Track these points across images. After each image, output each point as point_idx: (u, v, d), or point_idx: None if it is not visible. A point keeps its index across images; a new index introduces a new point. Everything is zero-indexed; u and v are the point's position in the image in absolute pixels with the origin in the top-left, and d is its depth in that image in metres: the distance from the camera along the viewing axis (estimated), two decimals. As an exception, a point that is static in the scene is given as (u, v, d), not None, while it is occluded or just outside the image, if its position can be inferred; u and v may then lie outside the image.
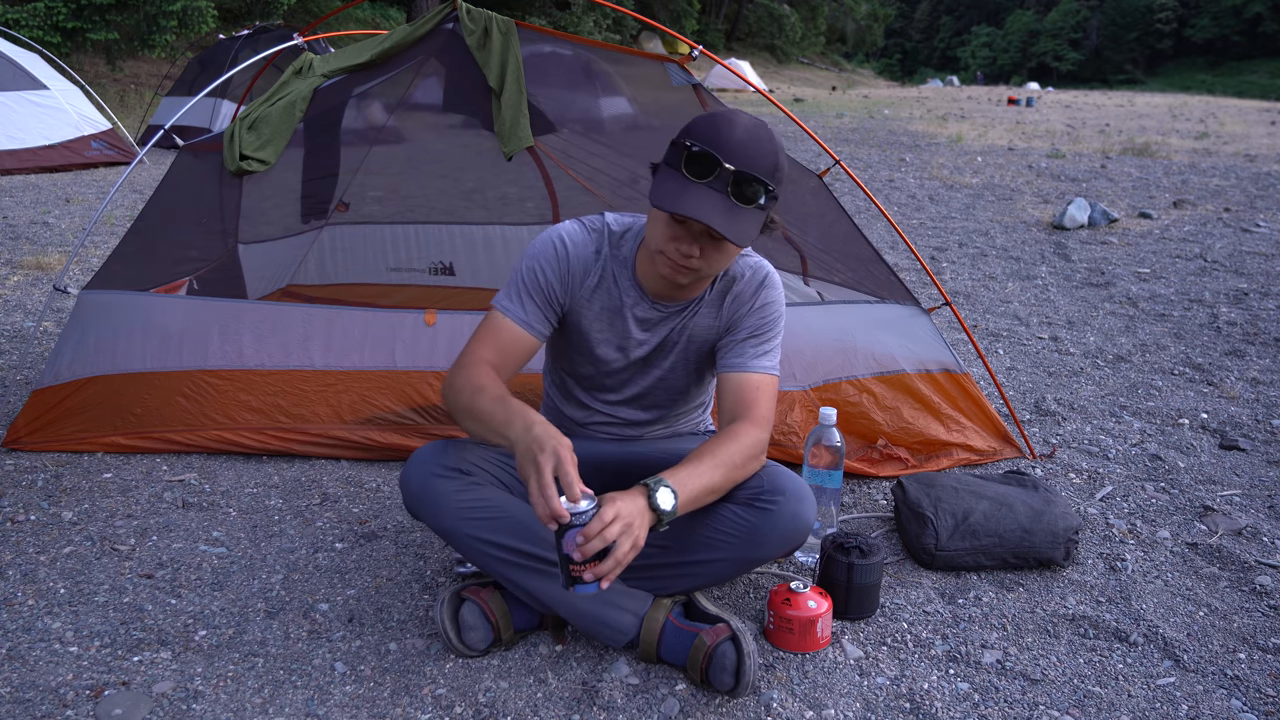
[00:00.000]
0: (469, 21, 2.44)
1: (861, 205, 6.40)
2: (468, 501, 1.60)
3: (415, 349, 2.47)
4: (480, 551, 1.60)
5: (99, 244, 5.03)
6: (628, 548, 1.37)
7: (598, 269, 1.71)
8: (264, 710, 1.53)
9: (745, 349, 1.70)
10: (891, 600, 1.89)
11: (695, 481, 1.50)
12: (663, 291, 1.70)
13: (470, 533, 1.59)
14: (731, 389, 1.68)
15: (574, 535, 1.36)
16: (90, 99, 8.68)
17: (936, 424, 2.47)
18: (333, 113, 2.96)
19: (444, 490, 1.60)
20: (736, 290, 1.73)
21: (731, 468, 1.57)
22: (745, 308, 1.72)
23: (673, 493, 1.45)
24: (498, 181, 3.59)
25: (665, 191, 1.50)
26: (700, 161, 1.47)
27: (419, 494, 1.61)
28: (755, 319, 1.72)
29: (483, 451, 1.70)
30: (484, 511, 1.60)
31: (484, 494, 1.62)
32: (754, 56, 38.55)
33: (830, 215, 2.56)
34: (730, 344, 1.72)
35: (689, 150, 1.48)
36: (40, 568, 1.94)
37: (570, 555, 1.37)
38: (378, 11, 19.22)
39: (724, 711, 1.55)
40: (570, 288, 1.71)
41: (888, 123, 15.24)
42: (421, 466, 1.62)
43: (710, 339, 1.77)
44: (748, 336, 1.71)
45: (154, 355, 2.47)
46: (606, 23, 26.59)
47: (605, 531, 1.34)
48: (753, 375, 1.68)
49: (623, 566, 1.38)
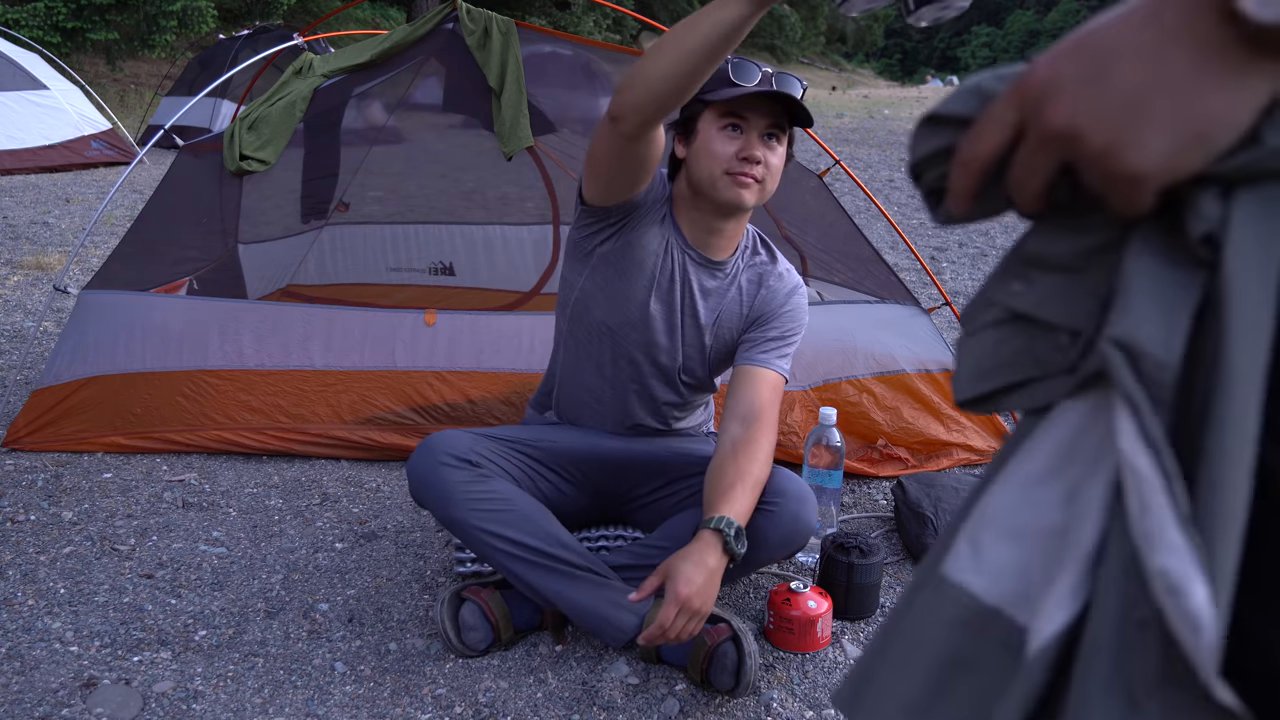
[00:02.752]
0: (469, 21, 2.44)
1: (861, 205, 6.39)
2: (476, 493, 1.59)
3: (415, 349, 2.47)
4: (486, 544, 1.60)
5: (99, 244, 5.03)
6: (693, 628, 1.48)
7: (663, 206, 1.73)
8: (264, 710, 1.53)
9: (771, 347, 1.72)
10: (891, 600, 1.89)
11: (746, 508, 1.55)
12: (715, 226, 1.69)
13: (477, 524, 1.58)
14: (751, 384, 1.68)
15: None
16: (90, 99, 8.67)
17: (936, 424, 2.47)
18: (333, 113, 2.96)
19: (452, 480, 1.59)
20: (771, 287, 1.75)
21: (761, 485, 1.59)
22: (776, 305, 1.74)
23: (743, 533, 1.50)
24: (498, 181, 3.59)
25: (724, 90, 1.56)
26: (746, 68, 1.57)
27: (426, 481, 1.60)
28: (785, 321, 1.74)
29: (492, 444, 1.70)
30: (492, 504, 1.60)
31: (493, 486, 1.62)
32: (754, 56, 38.50)
33: (830, 215, 2.57)
34: (759, 339, 1.73)
35: (730, 63, 1.55)
36: (40, 568, 1.94)
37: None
38: (378, 11, 19.22)
39: (724, 711, 1.55)
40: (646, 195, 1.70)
41: (888, 123, 15.24)
42: (429, 455, 1.61)
43: (735, 332, 1.76)
44: (777, 336, 1.72)
45: (154, 355, 2.46)
46: (606, 23, 26.59)
47: (669, 631, 1.44)
48: (771, 373, 1.69)
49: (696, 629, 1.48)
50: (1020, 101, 0.44)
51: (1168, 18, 0.41)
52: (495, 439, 1.73)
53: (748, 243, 1.78)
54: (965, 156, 0.47)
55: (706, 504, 1.55)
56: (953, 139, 0.49)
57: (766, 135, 1.60)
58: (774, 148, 1.61)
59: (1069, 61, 0.43)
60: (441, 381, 2.46)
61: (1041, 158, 0.44)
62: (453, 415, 2.46)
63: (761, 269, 1.77)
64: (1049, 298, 0.47)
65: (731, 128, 1.59)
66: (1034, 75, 0.44)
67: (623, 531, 1.90)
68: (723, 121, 1.59)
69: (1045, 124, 0.43)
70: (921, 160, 0.51)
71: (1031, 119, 0.44)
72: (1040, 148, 0.44)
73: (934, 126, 0.50)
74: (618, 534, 1.89)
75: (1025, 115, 0.44)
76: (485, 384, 2.47)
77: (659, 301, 1.72)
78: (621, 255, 1.70)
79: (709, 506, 1.53)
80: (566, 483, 1.80)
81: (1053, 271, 0.47)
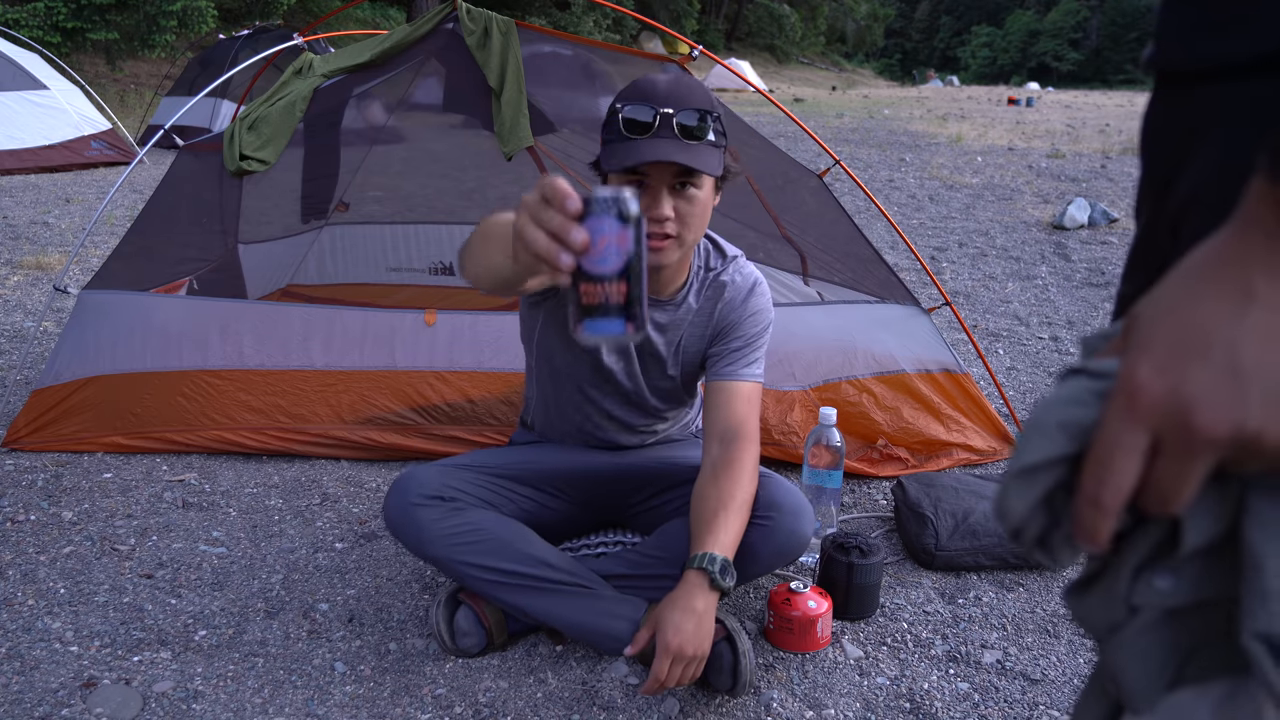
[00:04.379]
0: (469, 21, 2.44)
1: (861, 205, 6.39)
2: (449, 528, 1.60)
3: (415, 349, 2.47)
4: (468, 575, 1.61)
5: (99, 244, 5.03)
6: (693, 672, 1.46)
7: None
8: (264, 710, 1.53)
9: (737, 358, 1.68)
10: (891, 600, 1.89)
11: (733, 538, 1.52)
12: (652, 275, 1.65)
13: (456, 558, 1.60)
14: (724, 400, 1.65)
15: (601, 235, 0.83)
16: (90, 99, 8.67)
17: (936, 424, 2.47)
18: (333, 113, 2.95)
19: (424, 519, 1.60)
20: (726, 298, 1.70)
21: (749, 504, 1.57)
22: (736, 314, 1.69)
23: (729, 565, 1.48)
24: (498, 181, 3.59)
25: (615, 157, 1.46)
26: (637, 116, 1.45)
27: (401, 524, 1.62)
28: (748, 327, 1.69)
29: (463, 474, 1.69)
30: (466, 536, 1.60)
31: (466, 518, 1.62)
32: (754, 56, 38.57)
33: (830, 215, 2.56)
34: (723, 352, 1.69)
35: (621, 113, 1.46)
36: (40, 568, 1.94)
37: (589, 271, 0.84)
38: (378, 11, 19.23)
39: (724, 711, 1.55)
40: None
41: (888, 123, 15.24)
42: (401, 497, 1.63)
43: (700, 349, 1.73)
44: (741, 345, 1.68)
45: (154, 355, 2.47)
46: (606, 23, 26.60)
47: (666, 681, 1.42)
48: (744, 385, 1.66)
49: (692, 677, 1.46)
50: (1147, 419, 0.43)
51: (1259, 287, 0.41)
52: (469, 468, 1.72)
53: (699, 260, 1.72)
54: (1098, 495, 0.44)
55: (692, 536, 1.54)
56: (1050, 482, 0.46)
57: (678, 185, 1.48)
58: (687, 194, 1.49)
59: (1182, 361, 0.42)
60: (441, 381, 2.46)
61: (1196, 466, 0.42)
62: (452, 415, 2.46)
63: (716, 282, 1.71)
64: (1201, 582, 0.45)
65: (637, 185, 1.47)
66: (1150, 389, 0.43)
67: (621, 536, 1.90)
68: (626, 179, 1.48)
69: (1201, 434, 0.41)
70: (1027, 516, 0.47)
71: (1175, 433, 0.42)
72: (1197, 458, 0.42)
73: (1028, 478, 0.46)
74: (616, 539, 1.89)
75: (1161, 432, 0.43)
76: (485, 384, 2.47)
77: (612, 354, 1.71)
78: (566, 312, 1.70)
79: (694, 540, 1.52)
80: (554, 498, 1.80)
81: (1192, 557, 0.45)
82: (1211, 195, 0.53)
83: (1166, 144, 0.59)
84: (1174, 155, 0.58)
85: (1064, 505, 0.47)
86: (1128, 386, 0.43)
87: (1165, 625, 0.47)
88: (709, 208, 1.55)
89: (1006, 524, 0.48)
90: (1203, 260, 0.43)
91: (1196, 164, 0.55)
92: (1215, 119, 0.54)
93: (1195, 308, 0.42)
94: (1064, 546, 0.47)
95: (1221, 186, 0.51)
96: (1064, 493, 0.46)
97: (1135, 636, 0.47)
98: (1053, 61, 79.27)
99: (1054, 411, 0.46)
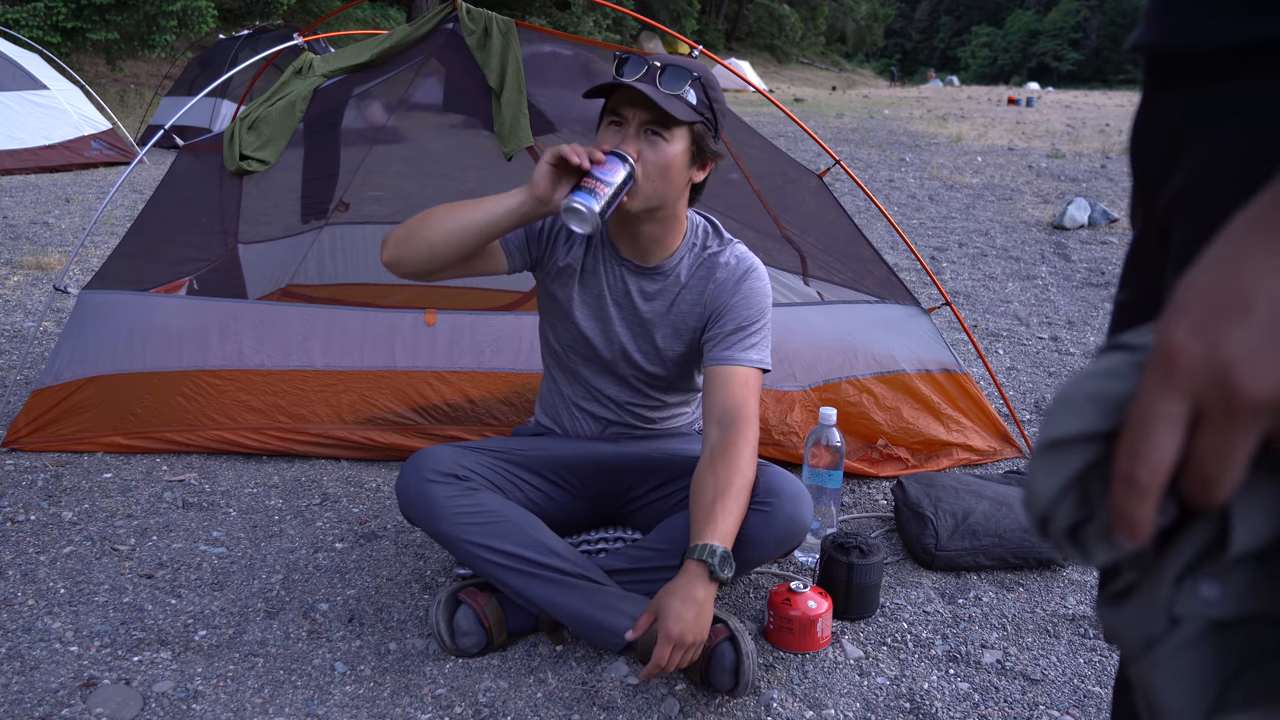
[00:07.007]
0: (469, 21, 2.44)
1: (861, 205, 6.39)
2: (463, 507, 1.61)
3: (415, 349, 2.47)
4: (476, 556, 1.61)
5: (99, 244, 5.03)
6: (691, 657, 1.48)
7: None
8: (264, 710, 1.53)
9: (732, 341, 1.67)
10: (891, 600, 1.89)
11: (732, 525, 1.52)
12: (632, 230, 1.69)
13: (466, 538, 1.60)
14: (720, 384, 1.65)
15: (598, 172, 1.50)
16: (90, 99, 8.67)
17: (936, 424, 2.47)
18: (333, 113, 2.95)
19: (439, 496, 1.61)
20: (719, 278, 1.71)
21: (748, 489, 1.58)
22: (728, 296, 1.70)
23: (728, 556, 1.49)
24: (498, 181, 3.57)
25: (600, 91, 1.58)
26: (629, 61, 1.56)
27: (414, 500, 1.62)
28: (740, 310, 1.69)
29: (478, 456, 1.71)
30: (479, 517, 1.61)
31: (479, 499, 1.63)
32: (754, 56, 38.56)
33: (830, 215, 2.56)
34: (717, 335, 1.69)
35: (619, 56, 1.57)
36: (40, 568, 1.94)
37: (594, 174, 1.50)
38: (378, 11, 19.23)
39: (724, 711, 1.55)
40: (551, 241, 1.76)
41: (888, 123, 15.24)
42: (415, 473, 1.63)
43: (693, 327, 1.74)
44: (735, 328, 1.68)
45: (154, 355, 2.46)
46: (606, 23, 26.59)
47: (666, 667, 1.44)
48: (740, 369, 1.66)
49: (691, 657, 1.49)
50: (1185, 384, 0.39)
51: None
52: (481, 451, 1.74)
53: (694, 238, 1.74)
54: (1134, 473, 0.40)
55: (692, 524, 1.54)
56: (1080, 463, 0.42)
57: (649, 131, 1.55)
58: (655, 143, 1.55)
59: (1221, 320, 0.38)
60: (441, 381, 2.46)
61: (1241, 437, 0.38)
62: (452, 415, 2.46)
63: (710, 261, 1.73)
64: (1249, 594, 0.42)
65: (613, 124, 1.58)
66: (1187, 351, 0.39)
67: (621, 533, 1.90)
68: (608, 119, 1.60)
69: (1244, 398, 0.38)
70: (1055, 498, 0.43)
71: (1216, 398, 0.38)
72: (1241, 427, 0.38)
73: (1058, 453, 0.42)
74: (617, 535, 1.89)
75: (1201, 398, 0.39)
76: (485, 384, 2.47)
77: (591, 320, 1.76)
78: (555, 282, 1.76)
79: (694, 530, 1.53)
80: (558, 489, 1.80)
81: (1241, 564, 0.42)
82: (1206, 195, 0.52)
83: (1155, 146, 0.58)
84: (1163, 156, 0.57)
85: (1099, 496, 0.42)
86: (1163, 350, 0.40)
87: (1206, 643, 0.43)
88: (680, 170, 1.59)
89: (1033, 509, 0.43)
90: (1241, 224, 0.40)
91: (1188, 164, 0.54)
92: (1209, 118, 0.53)
93: (1234, 266, 0.39)
94: (1099, 542, 0.43)
95: (1219, 186, 0.51)
96: (1099, 482, 0.42)
97: (1174, 654, 0.43)
98: (1053, 61, 79.23)
99: (1084, 384, 0.42)
